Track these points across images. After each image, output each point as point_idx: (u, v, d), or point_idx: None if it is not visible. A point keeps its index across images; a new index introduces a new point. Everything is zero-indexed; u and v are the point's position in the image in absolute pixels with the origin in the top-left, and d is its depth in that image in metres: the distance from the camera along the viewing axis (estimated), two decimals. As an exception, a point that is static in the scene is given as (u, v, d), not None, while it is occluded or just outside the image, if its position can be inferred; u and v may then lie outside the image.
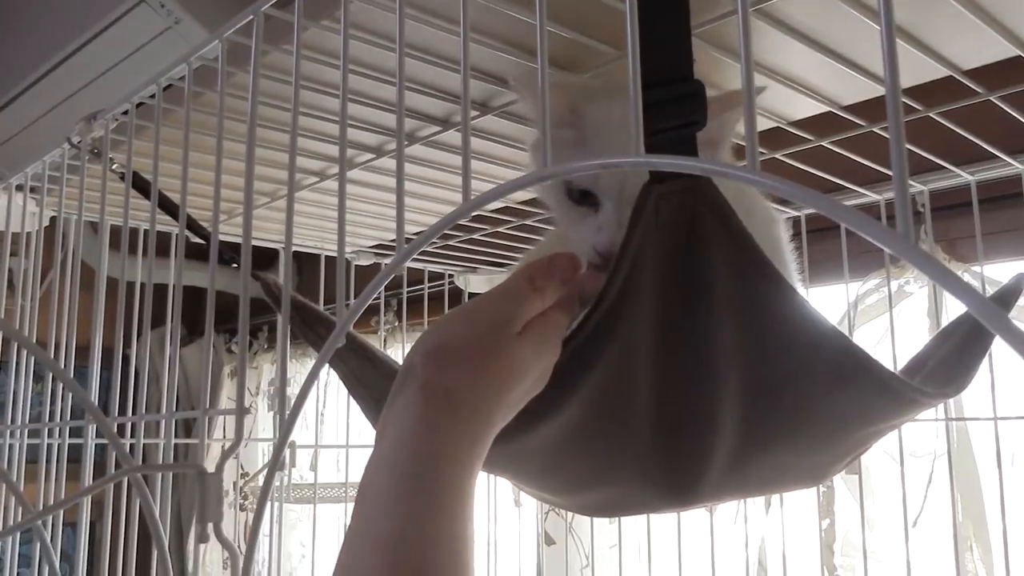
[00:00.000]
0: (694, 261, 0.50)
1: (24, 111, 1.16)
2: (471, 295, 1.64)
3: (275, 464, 0.57)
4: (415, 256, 1.29)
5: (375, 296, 0.53)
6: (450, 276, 1.61)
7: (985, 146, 0.90)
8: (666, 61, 0.47)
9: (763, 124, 0.90)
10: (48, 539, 0.75)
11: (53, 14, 1.09)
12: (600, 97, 0.66)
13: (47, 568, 0.79)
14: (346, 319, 0.53)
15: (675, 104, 0.46)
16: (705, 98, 0.46)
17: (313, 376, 0.55)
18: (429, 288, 1.62)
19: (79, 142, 0.84)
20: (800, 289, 0.73)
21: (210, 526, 0.58)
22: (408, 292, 1.65)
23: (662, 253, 0.50)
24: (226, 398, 2.45)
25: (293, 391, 1.83)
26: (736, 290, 0.51)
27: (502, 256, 1.42)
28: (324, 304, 1.41)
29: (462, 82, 0.47)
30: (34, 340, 0.95)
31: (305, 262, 1.45)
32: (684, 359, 0.56)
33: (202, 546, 2.13)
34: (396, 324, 1.83)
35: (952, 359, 0.71)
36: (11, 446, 1.00)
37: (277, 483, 1.51)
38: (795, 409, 0.60)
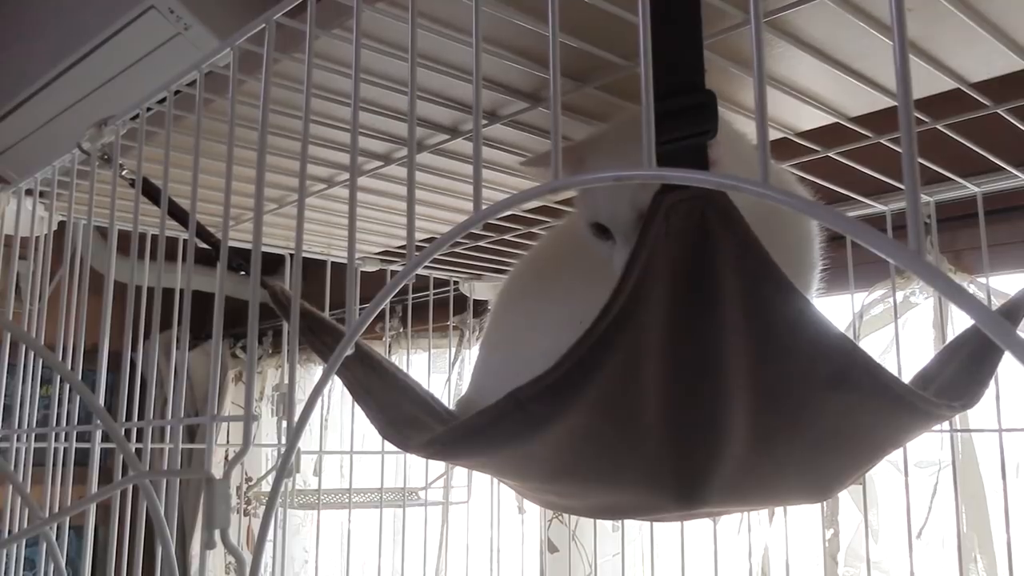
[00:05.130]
0: (703, 268, 0.50)
1: (34, 115, 1.17)
2: (476, 302, 1.64)
3: (283, 471, 0.57)
4: (421, 263, 1.29)
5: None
6: (455, 283, 1.62)
7: (991, 158, 0.90)
8: (678, 71, 0.47)
9: (770, 135, 0.90)
10: (55, 543, 0.75)
11: (63, 19, 1.10)
12: (600, 143, 0.70)
13: (52, 572, 0.79)
14: (355, 328, 0.53)
15: (686, 114, 0.46)
16: (717, 108, 0.47)
17: (321, 385, 0.55)
18: (434, 295, 1.63)
19: (89, 148, 0.84)
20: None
21: (217, 532, 0.58)
22: (413, 299, 1.65)
23: (672, 261, 0.50)
24: (230, 403, 2.45)
25: (296, 397, 1.83)
26: (745, 296, 0.51)
27: (508, 264, 1.42)
28: (329, 310, 1.42)
29: (474, 92, 0.47)
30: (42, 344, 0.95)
31: (310, 268, 1.45)
32: (692, 364, 0.56)
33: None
34: (401, 330, 1.83)
35: (962, 373, 0.71)
36: (18, 449, 1.01)
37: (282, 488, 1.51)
38: (801, 413, 0.60)
